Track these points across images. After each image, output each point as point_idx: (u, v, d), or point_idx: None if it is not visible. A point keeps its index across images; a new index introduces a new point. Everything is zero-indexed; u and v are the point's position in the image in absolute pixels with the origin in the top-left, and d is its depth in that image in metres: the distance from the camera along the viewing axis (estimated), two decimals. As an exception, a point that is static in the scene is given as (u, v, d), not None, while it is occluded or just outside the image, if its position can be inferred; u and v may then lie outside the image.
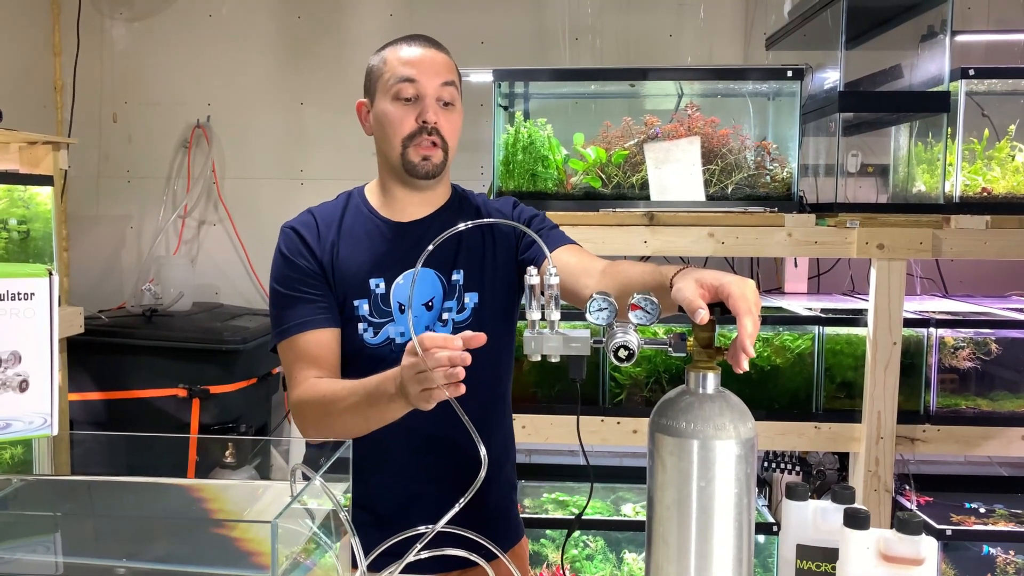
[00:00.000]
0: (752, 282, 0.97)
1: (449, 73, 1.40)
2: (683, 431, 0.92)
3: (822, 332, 2.32)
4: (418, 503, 1.38)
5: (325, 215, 1.46)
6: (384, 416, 1.24)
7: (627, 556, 2.35)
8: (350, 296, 1.39)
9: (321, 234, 1.43)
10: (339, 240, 1.42)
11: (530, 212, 1.49)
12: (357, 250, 1.41)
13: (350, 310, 1.39)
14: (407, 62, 1.38)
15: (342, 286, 1.40)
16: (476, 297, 1.41)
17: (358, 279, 1.39)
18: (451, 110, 1.40)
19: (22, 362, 0.93)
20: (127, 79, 3.15)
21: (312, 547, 0.89)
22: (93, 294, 3.08)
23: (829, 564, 1.01)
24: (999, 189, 2.28)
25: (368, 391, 1.23)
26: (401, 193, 1.44)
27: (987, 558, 2.29)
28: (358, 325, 1.39)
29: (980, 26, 2.85)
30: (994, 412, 2.32)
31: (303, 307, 1.39)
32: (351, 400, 1.26)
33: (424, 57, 1.39)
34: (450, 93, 1.39)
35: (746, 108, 2.44)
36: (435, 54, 1.40)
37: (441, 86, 1.38)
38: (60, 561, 0.95)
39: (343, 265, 1.40)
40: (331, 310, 1.40)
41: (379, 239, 1.42)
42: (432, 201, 1.46)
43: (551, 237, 1.44)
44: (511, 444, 1.54)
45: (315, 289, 1.40)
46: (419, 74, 1.37)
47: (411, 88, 1.37)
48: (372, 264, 1.40)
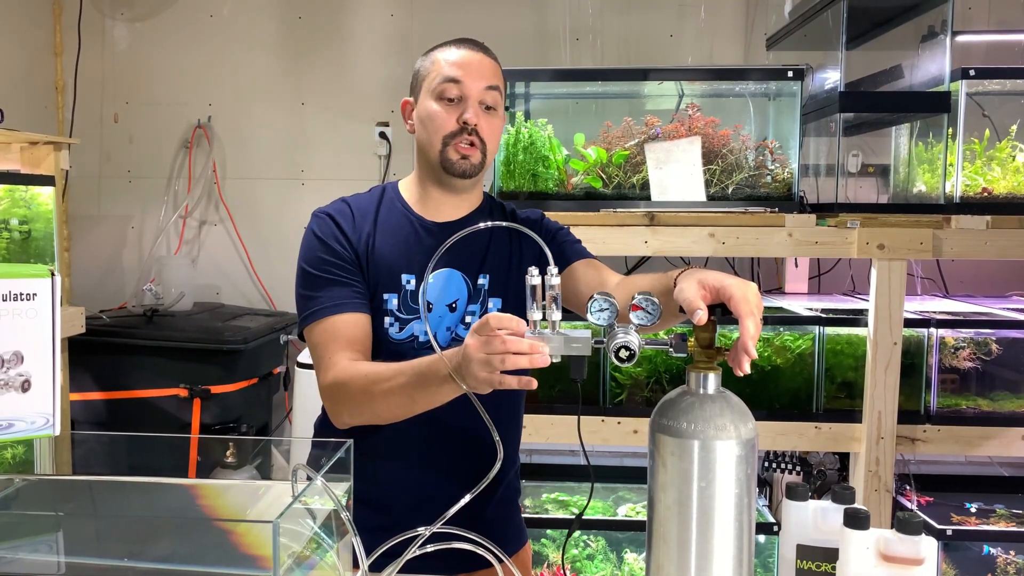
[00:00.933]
0: (754, 285, 0.98)
1: (494, 77, 1.40)
2: (684, 431, 0.93)
3: (823, 332, 2.32)
4: (429, 505, 1.38)
5: (360, 205, 1.44)
6: (433, 399, 1.20)
7: (628, 556, 2.35)
8: (381, 289, 1.39)
9: (357, 223, 1.42)
10: (375, 232, 1.41)
11: (555, 226, 1.51)
12: (391, 244, 1.41)
13: (379, 303, 1.39)
14: (453, 63, 1.38)
15: (374, 277, 1.39)
16: (499, 303, 1.42)
17: (391, 273, 1.39)
18: (493, 114, 1.40)
19: (24, 362, 0.93)
20: (128, 79, 3.15)
21: (313, 547, 0.90)
22: (94, 294, 3.09)
23: (829, 564, 1.01)
24: (1000, 189, 2.28)
25: (418, 371, 1.19)
26: (436, 192, 1.44)
27: (987, 558, 2.29)
28: (385, 319, 1.39)
29: (981, 26, 2.85)
30: (994, 412, 2.32)
31: (338, 289, 1.36)
32: (398, 380, 1.22)
33: (471, 59, 1.39)
34: (493, 97, 1.39)
35: (747, 108, 2.44)
36: (482, 58, 1.41)
37: (485, 89, 1.38)
38: (62, 561, 0.95)
39: (377, 257, 1.40)
40: (365, 296, 1.38)
41: (413, 236, 1.42)
42: (466, 204, 1.46)
43: (572, 251, 1.45)
44: (518, 450, 1.55)
45: (349, 274, 1.38)
46: (464, 75, 1.37)
47: (455, 89, 1.37)
48: (405, 260, 1.40)
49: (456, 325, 1.40)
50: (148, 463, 1.17)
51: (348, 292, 1.36)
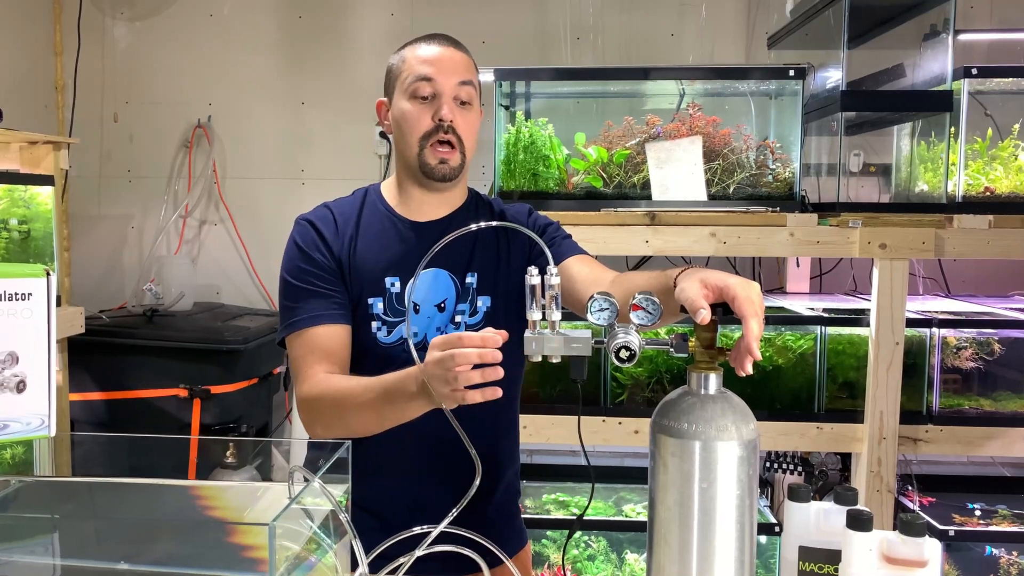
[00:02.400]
0: (757, 284, 0.97)
1: (467, 72, 1.39)
2: (685, 432, 0.92)
3: (824, 332, 2.31)
4: (422, 512, 1.37)
5: (342, 210, 1.44)
6: (403, 414, 1.21)
7: (628, 557, 2.35)
8: (365, 294, 1.38)
9: (339, 229, 1.41)
10: (357, 236, 1.41)
11: (544, 220, 1.49)
12: (374, 248, 1.40)
13: (365, 308, 1.38)
14: (425, 60, 1.37)
15: (358, 283, 1.38)
16: (489, 301, 1.41)
17: (374, 277, 1.38)
18: (468, 109, 1.39)
19: (19, 363, 0.92)
20: (128, 79, 3.15)
21: (312, 548, 0.89)
22: (94, 294, 3.08)
23: (831, 566, 1.00)
24: (1002, 189, 2.27)
25: (387, 388, 1.20)
26: (418, 193, 1.43)
27: (990, 559, 2.29)
28: (372, 323, 1.38)
29: (983, 25, 2.84)
30: (997, 412, 2.32)
31: (316, 300, 1.36)
32: (367, 396, 1.23)
33: (442, 55, 1.38)
34: (468, 92, 1.38)
35: (748, 107, 2.43)
36: (453, 52, 1.39)
37: (458, 85, 1.36)
38: (59, 564, 0.94)
39: (360, 262, 1.39)
40: (344, 307, 1.38)
41: (396, 238, 1.41)
42: (449, 202, 1.45)
43: (564, 246, 1.44)
44: (516, 451, 1.53)
45: (329, 284, 1.37)
46: (436, 72, 1.36)
47: (428, 87, 1.35)
48: (388, 263, 1.39)
49: (446, 325, 1.39)
50: (147, 464, 1.16)
51: (326, 303, 1.36)
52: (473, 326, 1.39)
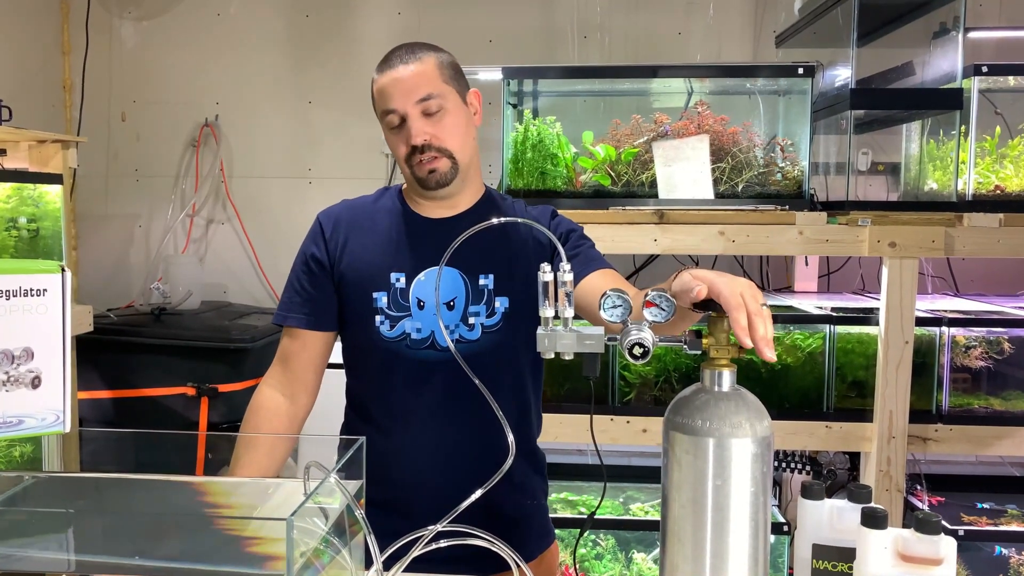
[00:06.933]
0: (745, 280, 0.96)
1: (427, 85, 1.35)
2: (699, 429, 0.91)
3: (833, 331, 2.31)
4: (447, 505, 1.37)
5: (357, 207, 1.48)
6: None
7: (636, 556, 2.34)
8: (369, 288, 1.39)
9: (345, 227, 1.44)
10: (364, 232, 1.43)
11: (568, 226, 1.48)
12: (382, 242, 1.42)
13: (368, 302, 1.39)
14: (382, 91, 1.39)
15: (360, 278, 1.40)
16: (507, 302, 1.40)
17: (380, 271, 1.39)
18: (442, 115, 1.36)
19: (34, 358, 0.92)
20: (136, 78, 3.15)
21: (326, 545, 0.89)
22: (102, 293, 3.09)
23: (846, 564, 1.00)
24: (1012, 187, 2.26)
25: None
26: (423, 199, 1.45)
27: (1000, 559, 2.28)
28: (375, 317, 1.38)
29: (992, 23, 2.83)
30: (1007, 412, 2.31)
31: (293, 297, 1.45)
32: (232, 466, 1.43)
33: (396, 78, 1.37)
34: (436, 103, 1.35)
35: (756, 106, 2.43)
36: (405, 69, 1.36)
37: (418, 103, 1.35)
38: (71, 558, 0.95)
39: (365, 257, 1.41)
40: (319, 311, 1.42)
41: (404, 234, 1.42)
42: (460, 202, 1.45)
43: (588, 256, 1.42)
44: (538, 450, 1.52)
45: (311, 285, 1.43)
46: (394, 101, 1.36)
47: (394, 117, 1.38)
48: (394, 258, 1.40)
49: (456, 324, 1.39)
50: (156, 460, 1.16)
51: (299, 303, 1.44)
52: (491, 327, 1.39)
